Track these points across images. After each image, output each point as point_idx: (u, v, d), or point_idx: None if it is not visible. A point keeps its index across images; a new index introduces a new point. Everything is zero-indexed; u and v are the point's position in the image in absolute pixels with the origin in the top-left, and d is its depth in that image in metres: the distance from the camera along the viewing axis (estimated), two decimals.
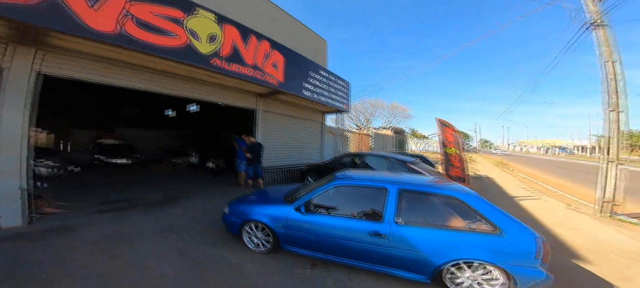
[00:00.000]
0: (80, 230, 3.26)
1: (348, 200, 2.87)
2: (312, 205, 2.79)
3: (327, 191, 2.84)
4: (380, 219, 2.48)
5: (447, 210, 2.55)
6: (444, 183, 3.10)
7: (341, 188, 2.88)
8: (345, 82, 9.21)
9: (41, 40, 3.10)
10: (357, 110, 31.25)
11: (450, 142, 6.65)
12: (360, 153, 6.59)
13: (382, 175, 3.32)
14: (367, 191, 2.79)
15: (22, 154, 3.27)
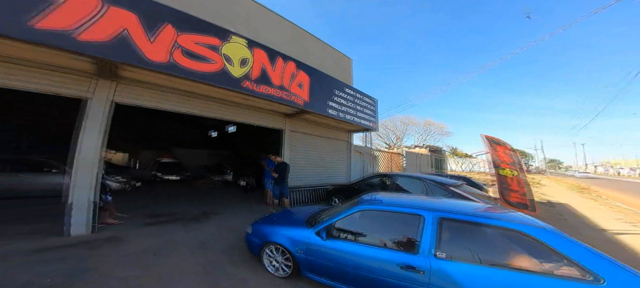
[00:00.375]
0: (126, 242, 3.54)
1: (376, 227, 2.57)
2: (334, 229, 2.57)
3: (351, 216, 2.61)
4: (414, 250, 2.12)
5: (509, 245, 2.05)
6: (501, 212, 2.56)
7: (367, 212, 2.62)
8: (372, 99, 9.08)
9: (114, 72, 3.75)
10: (386, 128, 30.33)
11: (504, 162, 5.61)
12: (391, 174, 6.08)
13: (416, 200, 2.90)
14: (398, 217, 2.48)
15: (94, 171, 3.78)
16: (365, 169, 11.21)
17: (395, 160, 14.98)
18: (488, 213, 2.36)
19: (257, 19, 6.83)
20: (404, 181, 5.95)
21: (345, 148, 9.87)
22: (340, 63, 10.15)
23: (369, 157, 12.00)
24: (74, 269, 2.66)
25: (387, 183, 6.14)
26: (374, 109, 9.17)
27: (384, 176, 6.59)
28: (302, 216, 3.23)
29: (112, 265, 2.83)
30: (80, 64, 3.40)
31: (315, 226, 2.68)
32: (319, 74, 6.45)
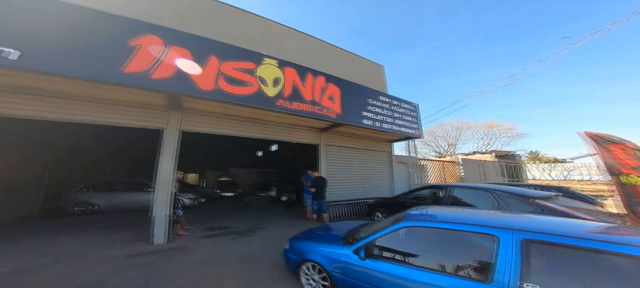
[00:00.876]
0: (189, 252, 3.95)
1: (427, 247, 2.20)
2: (374, 248, 2.33)
3: (395, 233, 2.31)
4: (487, 280, 1.70)
5: None
6: (634, 234, 1.80)
7: (416, 229, 2.28)
8: (411, 105, 8.46)
9: (180, 104, 4.58)
10: (434, 136, 27.42)
11: (626, 166, 4.08)
12: (445, 185, 5.18)
13: (485, 216, 2.34)
14: (459, 237, 2.06)
15: (169, 190, 4.47)
16: (411, 180, 10.19)
17: (449, 170, 13.19)
18: (612, 236, 1.72)
19: (286, 41, 7.45)
20: (464, 193, 4.93)
21: (387, 159, 9.27)
22: (372, 71, 9.99)
23: (415, 167, 10.91)
24: (150, 276, 3.08)
25: (441, 196, 5.24)
26: (415, 115, 8.47)
27: (436, 188, 5.69)
28: (340, 233, 3.08)
29: (177, 273, 3.19)
30: (157, 99, 4.30)
31: (352, 244, 2.48)
32: (349, 84, 6.45)
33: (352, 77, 7.86)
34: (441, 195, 5.27)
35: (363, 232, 2.73)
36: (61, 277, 2.89)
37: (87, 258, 3.51)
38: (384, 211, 6.15)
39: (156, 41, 3.59)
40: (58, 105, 3.80)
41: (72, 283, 2.75)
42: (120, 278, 2.95)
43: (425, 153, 27.29)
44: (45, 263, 3.28)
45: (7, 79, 3.28)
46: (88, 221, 6.18)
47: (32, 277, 2.88)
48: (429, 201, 5.47)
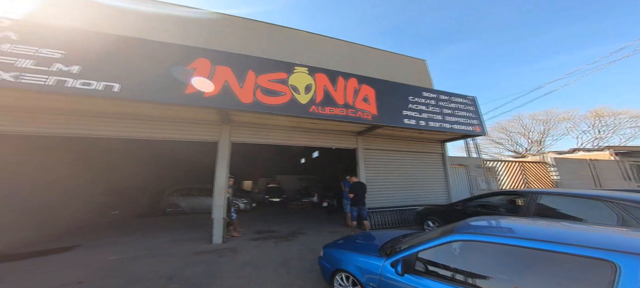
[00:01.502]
0: (238, 253, 4.32)
1: (495, 269, 1.75)
2: (416, 262, 2.02)
3: (446, 246, 1.95)
4: None
5: None
6: None
7: (478, 244, 1.83)
8: (466, 98, 7.30)
9: (229, 118, 5.30)
10: (508, 132, 22.41)
11: None
12: (527, 191, 4.04)
13: (595, 233, 1.70)
14: (550, 260, 1.52)
15: (224, 195, 5.03)
16: (474, 185, 8.63)
17: (534, 172, 10.52)
18: None
19: (316, 49, 7.69)
20: (558, 201, 3.69)
21: (439, 162, 8.17)
22: (411, 67, 9.19)
23: (480, 170, 9.17)
24: (207, 272, 3.48)
25: (520, 204, 4.15)
26: (474, 110, 7.25)
27: (511, 194, 4.59)
28: (379, 242, 2.87)
29: (226, 272, 3.53)
30: (212, 115, 5.13)
31: (390, 256, 2.25)
32: (384, 83, 6.11)
33: (389, 77, 7.44)
34: (520, 203, 4.12)
35: (404, 243, 2.46)
36: (150, 268, 3.65)
37: (168, 253, 4.35)
38: (436, 220, 5.39)
39: (206, 63, 4.32)
40: (145, 126, 4.99)
41: (156, 274, 3.43)
42: (187, 272, 3.52)
43: (495, 154, 22.66)
44: (142, 255, 4.21)
45: (114, 108, 4.55)
46: (175, 220, 7.74)
47: (132, 265, 3.76)
48: (500, 210, 4.47)
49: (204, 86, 4.15)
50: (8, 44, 3.35)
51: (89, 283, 3.09)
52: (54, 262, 3.84)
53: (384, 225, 6.53)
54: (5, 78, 3.13)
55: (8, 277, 3.25)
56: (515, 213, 4.07)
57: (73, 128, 4.44)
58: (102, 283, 3.12)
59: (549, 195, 3.83)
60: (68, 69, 3.41)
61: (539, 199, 3.78)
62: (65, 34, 3.64)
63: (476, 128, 7.08)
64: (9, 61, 3.26)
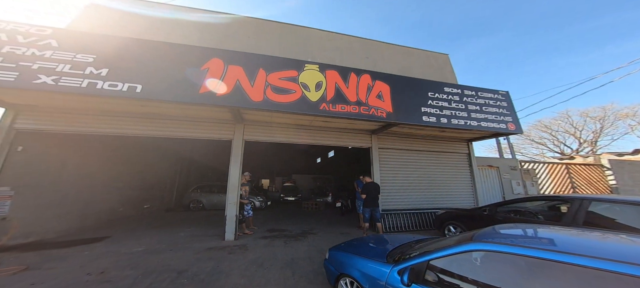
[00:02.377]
0: (248, 251, 4.35)
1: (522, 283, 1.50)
2: (426, 272, 1.78)
3: (463, 256, 1.71)
4: None
5: None
6: None
7: (501, 255, 1.56)
8: (497, 93, 6.62)
9: (242, 117, 5.37)
10: (550, 130, 19.78)
11: None
12: (575, 197, 3.43)
13: None
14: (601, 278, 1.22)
15: (237, 193, 5.15)
16: (508, 188, 7.75)
17: (585, 176, 9.17)
18: None
19: (328, 46, 7.55)
20: (618, 211, 3.06)
21: (465, 162, 7.50)
22: (432, 62, 8.61)
23: (516, 172, 8.22)
24: (214, 269, 3.53)
25: (563, 211, 3.56)
26: (506, 106, 6.55)
27: (553, 200, 3.98)
28: (387, 247, 2.67)
29: (234, 270, 3.52)
30: (225, 114, 5.24)
31: (398, 263, 2.06)
32: (400, 79, 5.77)
33: (407, 73, 7.04)
34: (564, 210, 3.53)
35: (415, 249, 2.24)
36: (165, 262, 3.83)
37: (184, 247, 4.54)
38: (459, 226, 4.91)
39: (219, 63, 4.44)
40: (167, 125, 5.29)
41: (168, 268, 3.58)
42: (197, 268, 3.62)
43: (535, 155, 20.20)
44: (162, 249, 4.45)
45: (139, 109, 4.88)
46: (196, 215, 8.17)
47: (152, 257, 4.00)
48: (538, 217, 3.90)
49: (216, 85, 4.27)
50: (50, 50, 3.72)
51: (109, 273, 3.33)
52: (86, 251, 4.23)
53: (399, 228, 6.15)
54: (47, 82, 3.51)
55: (47, 264, 3.63)
56: (557, 220, 3.49)
57: (105, 127, 4.88)
58: (121, 273, 3.33)
59: (606, 202, 3.17)
60: (98, 72, 3.73)
61: (588, 206, 3.17)
62: (94, 40, 4.00)
63: (510, 126, 6.35)
64: (50, 66, 3.61)
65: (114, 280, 3.12)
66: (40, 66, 3.58)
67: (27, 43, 3.71)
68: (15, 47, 3.65)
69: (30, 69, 3.53)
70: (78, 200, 5.92)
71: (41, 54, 3.67)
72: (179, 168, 11.06)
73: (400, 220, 6.24)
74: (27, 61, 3.57)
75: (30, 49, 3.68)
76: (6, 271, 3.25)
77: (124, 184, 7.65)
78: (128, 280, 3.13)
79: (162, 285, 3.03)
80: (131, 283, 3.06)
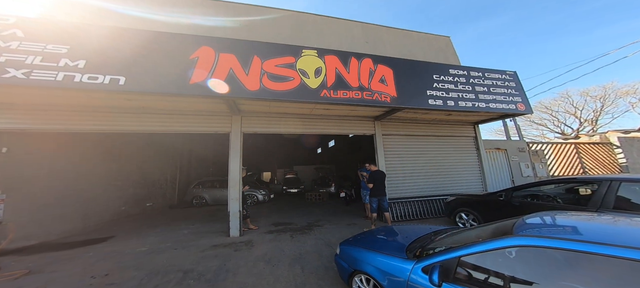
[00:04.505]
0: (254, 246, 4.24)
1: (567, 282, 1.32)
2: (459, 268, 1.61)
3: (503, 251, 1.52)
4: None
5: None
6: None
7: (541, 250, 1.38)
8: (505, 73, 6.36)
9: (238, 108, 5.09)
10: (554, 111, 19.55)
11: None
12: (602, 178, 3.13)
13: None
14: None
15: (238, 187, 4.95)
16: (516, 171, 7.57)
17: (593, 154, 8.94)
18: None
19: (326, 31, 7.17)
20: None
21: (472, 146, 7.28)
22: (434, 45, 8.30)
23: (524, 154, 8.00)
24: (221, 267, 3.41)
25: (585, 194, 3.30)
26: (515, 86, 6.31)
27: (577, 183, 3.66)
28: (404, 240, 2.49)
29: (240, 268, 3.40)
30: (220, 106, 4.98)
31: (421, 259, 1.87)
32: (403, 62, 5.46)
33: (409, 56, 6.70)
34: (586, 193, 3.30)
35: (439, 243, 2.07)
36: (170, 261, 3.72)
37: (188, 245, 4.45)
38: (471, 213, 4.74)
39: (209, 52, 4.14)
40: (159, 120, 5.00)
41: (174, 267, 3.47)
42: (203, 267, 3.49)
43: (536, 136, 20.06)
44: (167, 248, 4.34)
45: (124, 103, 4.57)
46: (200, 212, 8.10)
47: (157, 257, 3.89)
48: (557, 201, 3.66)
49: (208, 75, 3.99)
50: (16, 41, 3.40)
51: (114, 275, 3.23)
52: (90, 253, 4.14)
53: (407, 217, 6.02)
54: (17, 75, 3.18)
55: (51, 266, 3.55)
56: (581, 205, 3.24)
57: (90, 124, 4.61)
58: (126, 275, 3.23)
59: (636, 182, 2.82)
60: (75, 64, 3.43)
61: (617, 188, 2.85)
62: (68, 30, 3.66)
63: (519, 106, 6.08)
64: (19, 59, 3.29)
65: (119, 282, 3.02)
66: (7, 59, 3.26)
67: None
68: None
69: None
70: (78, 200, 5.81)
71: (6, 45, 3.33)
72: (178, 163, 10.90)
73: (408, 208, 6.10)
74: None
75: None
76: (8, 276, 3.15)
77: (124, 182, 7.52)
78: (133, 282, 3.02)
79: (168, 287, 2.92)
80: (136, 285, 2.95)
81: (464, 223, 4.89)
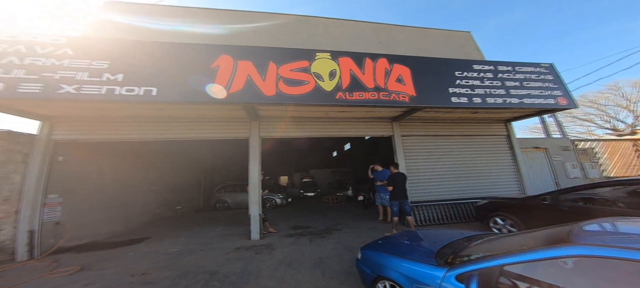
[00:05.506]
0: (274, 250, 4.27)
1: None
2: (499, 278, 1.48)
3: (557, 261, 1.37)
4: None
5: None
6: None
7: (606, 261, 1.24)
8: (540, 66, 5.89)
9: (256, 113, 5.24)
10: (601, 105, 17.31)
11: None
12: None
13: None
14: None
15: (258, 191, 5.09)
16: (560, 172, 6.76)
17: None
18: None
19: (337, 34, 7.19)
20: None
21: (503, 145, 6.67)
22: (453, 41, 7.90)
23: (569, 153, 7.12)
24: (244, 270, 3.48)
25: None
26: (554, 79, 5.79)
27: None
28: (432, 245, 2.36)
29: (262, 271, 3.45)
30: (240, 113, 5.16)
31: (454, 266, 1.74)
32: (420, 60, 5.28)
33: (426, 54, 6.43)
34: None
35: (473, 249, 1.94)
36: (200, 262, 3.91)
37: (214, 247, 4.63)
38: (509, 218, 4.30)
39: (228, 60, 4.36)
40: (187, 128, 5.35)
41: (201, 269, 3.64)
42: (227, 269, 3.60)
43: (580, 133, 17.78)
44: (195, 249, 4.58)
45: (157, 113, 4.96)
46: (223, 215, 8.48)
47: (187, 258, 4.12)
48: (618, 205, 3.21)
49: (227, 82, 4.21)
50: (68, 59, 3.76)
51: (150, 274, 3.47)
52: (130, 252, 4.52)
53: (431, 222, 5.65)
54: (70, 91, 3.53)
55: (100, 264, 3.93)
56: None
57: (129, 134, 5.09)
58: (160, 275, 3.45)
59: None
60: (114, 78, 3.74)
61: None
62: (106, 46, 4.07)
63: (560, 100, 5.49)
64: (70, 75, 3.63)
65: (154, 282, 3.22)
66: (62, 76, 3.63)
67: (45, 53, 3.78)
68: (35, 58, 3.70)
69: (53, 79, 3.60)
70: (122, 204, 6.43)
71: (60, 63, 3.73)
72: (203, 169, 11.59)
73: (431, 212, 5.73)
74: (48, 72, 3.63)
75: (49, 59, 3.73)
76: (65, 271, 3.58)
77: (160, 187, 8.19)
78: (166, 281, 3.21)
79: (197, 287, 3.05)
80: (169, 284, 3.12)
81: (499, 229, 4.44)
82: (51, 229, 4.57)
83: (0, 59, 3.57)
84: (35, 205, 4.35)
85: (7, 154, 4.20)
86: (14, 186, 4.27)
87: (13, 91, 3.43)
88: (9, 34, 3.83)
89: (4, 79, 3.44)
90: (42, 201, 4.46)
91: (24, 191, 4.32)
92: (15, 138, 4.36)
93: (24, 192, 4.32)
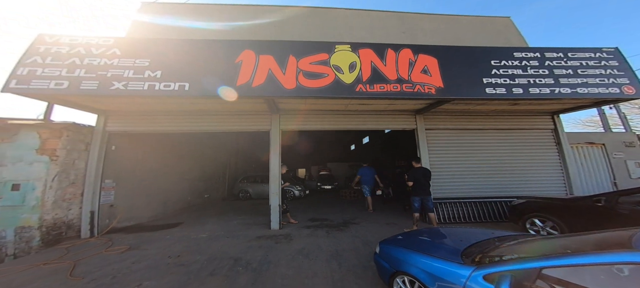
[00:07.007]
0: (293, 240, 4.42)
1: None
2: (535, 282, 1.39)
3: (609, 267, 1.26)
4: None
5: None
6: None
7: None
8: (601, 51, 5.13)
9: (277, 107, 5.21)
10: None
11: None
12: None
13: None
14: None
15: (278, 182, 5.29)
16: (620, 171, 5.90)
17: None
18: None
19: (357, 26, 6.92)
20: None
21: (548, 140, 5.96)
22: (489, 28, 7.18)
23: (634, 149, 6.11)
24: (264, 258, 3.64)
25: None
26: (619, 65, 4.97)
27: None
28: (457, 243, 2.26)
29: (281, 260, 3.58)
30: (261, 106, 5.33)
31: (483, 266, 1.65)
32: (450, 49, 4.86)
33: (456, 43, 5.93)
34: None
35: (505, 249, 1.84)
36: (225, 248, 4.18)
37: (237, 235, 4.92)
38: (549, 220, 3.90)
39: (250, 55, 4.47)
40: (214, 120, 5.68)
41: (226, 255, 3.89)
42: (249, 256, 3.82)
43: None
44: (221, 236, 4.90)
45: (190, 107, 5.32)
46: (246, 205, 8.94)
47: (214, 243, 4.43)
48: None
49: (250, 76, 4.33)
50: (116, 58, 4.13)
51: (184, 257, 3.81)
52: (167, 236, 5.01)
53: (455, 220, 5.34)
54: (119, 87, 3.93)
55: (142, 245, 4.41)
56: None
57: (169, 126, 5.56)
58: (192, 258, 3.77)
59: None
60: (154, 75, 4.06)
61: None
62: (147, 45, 4.36)
63: (626, 89, 4.72)
64: (119, 73, 4.01)
65: (187, 264, 3.54)
66: (113, 74, 4.03)
67: (99, 54, 4.18)
68: (92, 58, 4.12)
69: (106, 77, 3.99)
70: (161, 191, 7.14)
71: (111, 62, 4.12)
72: (227, 160, 12.30)
73: (456, 210, 5.39)
74: (102, 70, 4.03)
75: (103, 59, 4.13)
76: (118, 249, 4.12)
77: (191, 176, 8.93)
78: (197, 265, 3.51)
79: (223, 271, 3.28)
80: (199, 268, 3.41)
81: (537, 231, 4.02)
82: (106, 211, 5.27)
83: (65, 60, 4.10)
84: (95, 188, 5.03)
85: (72, 143, 4.86)
86: (79, 172, 4.97)
87: (77, 88, 3.94)
88: (70, 35, 4.38)
89: (69, 78, 3.97)
90: (100, 185, 5.14)
91: (86, 175, 5.02)
92: (79, 129, 5.02)
93: (86, 176, 5.01)
